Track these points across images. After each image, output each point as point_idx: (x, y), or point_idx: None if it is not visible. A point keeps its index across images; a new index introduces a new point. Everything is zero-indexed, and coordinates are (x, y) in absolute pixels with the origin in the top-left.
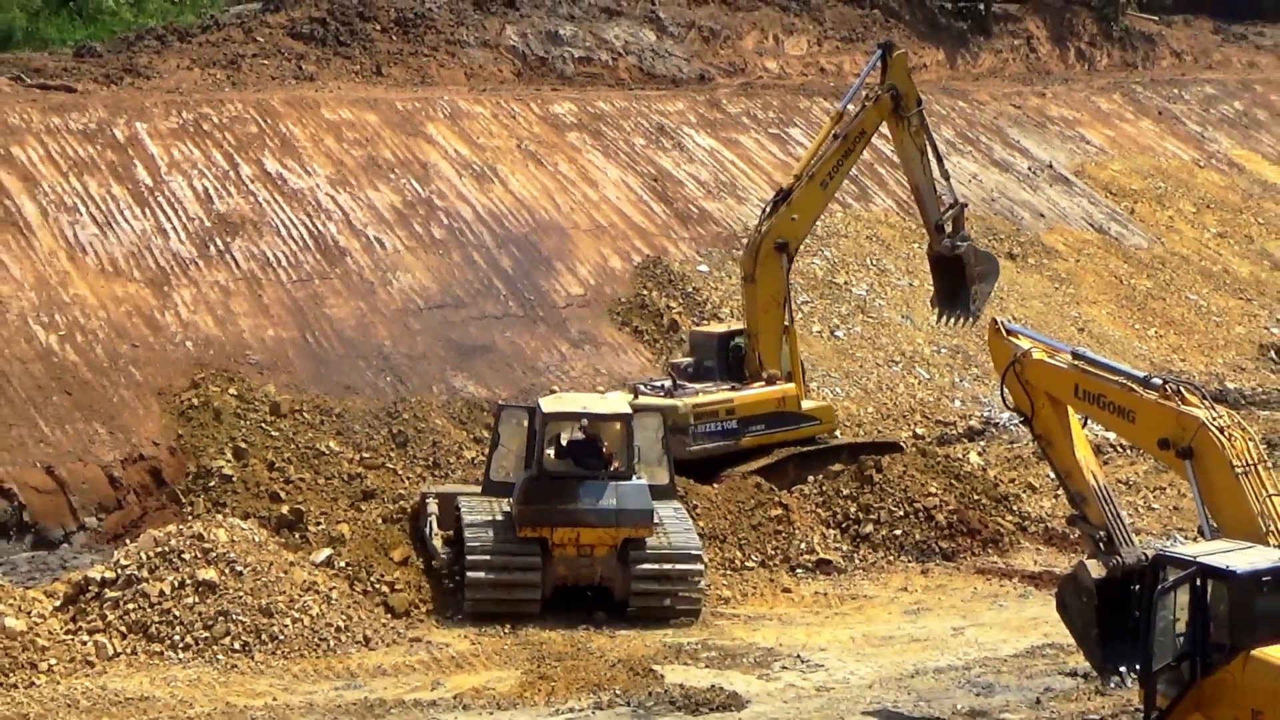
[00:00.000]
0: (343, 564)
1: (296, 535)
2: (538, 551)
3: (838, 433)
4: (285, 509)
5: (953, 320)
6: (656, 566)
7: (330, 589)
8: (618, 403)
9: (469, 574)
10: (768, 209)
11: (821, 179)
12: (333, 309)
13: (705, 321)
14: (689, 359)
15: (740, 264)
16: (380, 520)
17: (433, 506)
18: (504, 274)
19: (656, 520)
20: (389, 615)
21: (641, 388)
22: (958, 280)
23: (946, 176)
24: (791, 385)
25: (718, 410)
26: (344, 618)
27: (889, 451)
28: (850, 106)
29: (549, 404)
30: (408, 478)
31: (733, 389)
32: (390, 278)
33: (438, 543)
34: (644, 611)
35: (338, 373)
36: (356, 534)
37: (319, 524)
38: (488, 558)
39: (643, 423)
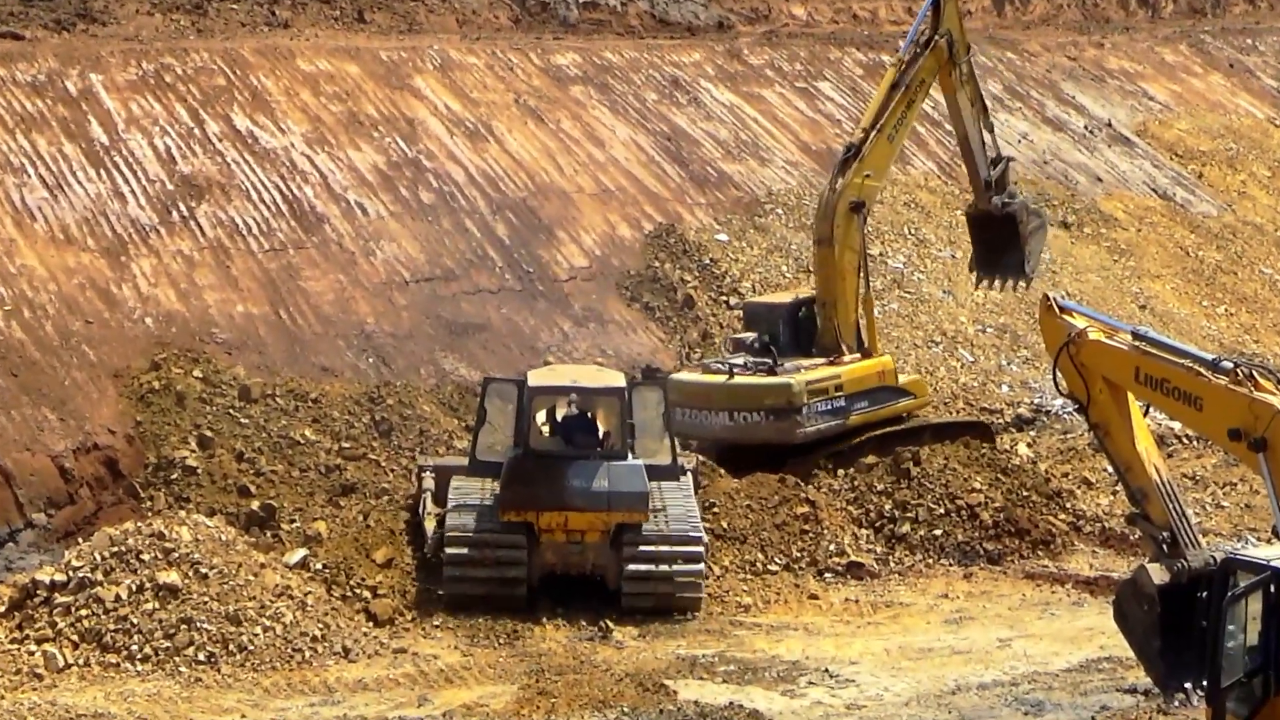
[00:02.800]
0: (319, 566)
1: (268, 534)
2: (523, 537)
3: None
4: (255, 505)
5: (1007, 284)
6: (651, 553)
7: (305, 594)
8: (612, 376)
9: (446, 558)
10: (837, 167)
11: (888, 132)
12: (309, 282)
13: (727, 294)
14: (748, 334)
15: (813, 228)
16: (362, 517)
17: (428, 481)
18: (500, 243)
19: (658, 504)
20: (371, 623)
21: (714, 365)
22: (1009, 240)
23: (992, 130)
24: (887, 358)
25: (828, 387)
26: (320, 626)
27: (974, 434)
28: (892, 57)
29: (537, 377)
30: (391, 470)
31: (832, 363)
32: (373, 247)
33: (429, 524)
34: (637, 603)
35: (314, 353)
36: (335, 533)
37: (293, 522)
38: (467, 544)
39: (641, 397)
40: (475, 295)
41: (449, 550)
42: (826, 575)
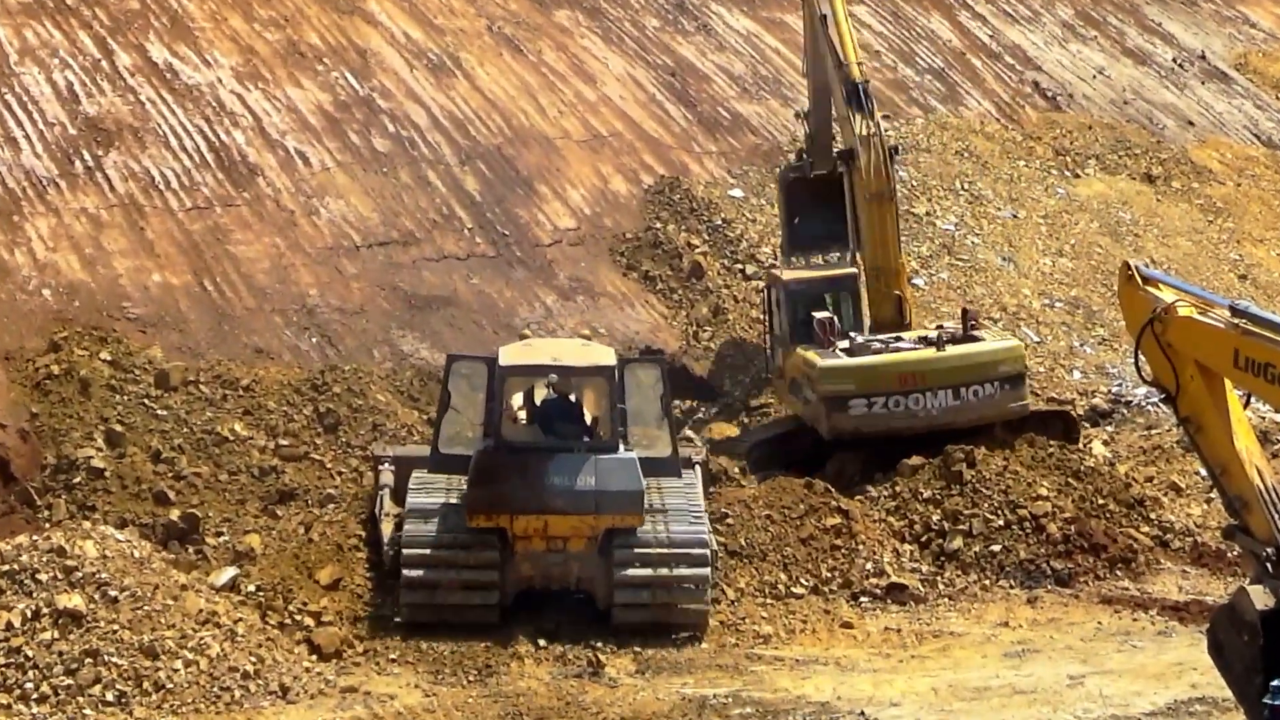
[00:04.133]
0: (252, 588)
1: (190, 550)
2: (494, 546)
3: None
4: (175, 514)
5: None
6: (647, 561)
7: (235, 621)
8: (600, 352)
9: (404, 572)
10: (856, 105)
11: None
12: (239, 246)
13: (742, 261)
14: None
15: (866, 182)
16: (303, 529)
17: (387, 475)
18: (469, 200)
19: (655, 504)
20: (314, 657)
21: (892, 342)
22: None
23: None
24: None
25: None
26: (253, 660)
27: (1053, 426)
28: None
29: (510, 355)
30: (339, 473)
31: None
32: (316, 205)
33: (387, 527)
34: (630, 621)
35: (246, 332)
36: (270, 548)
37: (220, 535)
38: (428, 552)
39: (635, 377)
40: (440, 263)
41: (405, 564)
42: (862, 599)
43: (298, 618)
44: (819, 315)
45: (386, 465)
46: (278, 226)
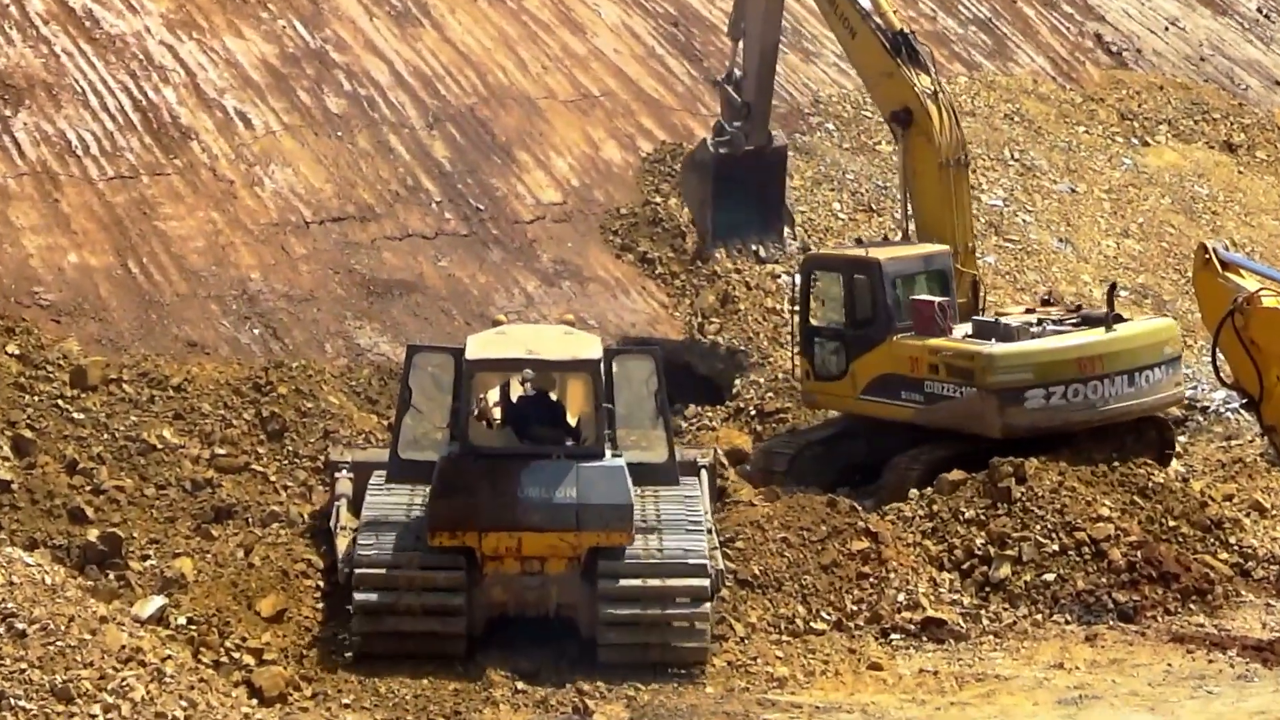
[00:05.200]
0: (182, 621)
1: (111, 576)
2: (460, 566)
3: None
4: (94, 535)
5: (769, 247)
6: (636, 595)
7: (163, 659)
8: (583, 342)
9: (355, 596)
10: (913, 59)
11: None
12: (170, 222)
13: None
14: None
15: (936, 147)
16: (242, 553)
17: (344, 484)
18: (437, 170)
19: (648, 518)
20: (254, 701)
21: (1042, 324)
22: (771, 185)
23: None
24: None
25: None
26: (184, 705)
27: (1156, 434)
28: None
29: (479, 345)
30: (284, 486)
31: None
32: (259, 175)
33: (343, 543)
34: (618, 657)
35: (177, 322)
36: (205, 575)
37: (146, 559)
38: (383, 573)
39: (625, 371)
40: (403, 242)
41: (358, 586)
42: (894, 636)
43: (236, 655)
44: (925, 298)
45: (344, 473)
46: (214, 199)
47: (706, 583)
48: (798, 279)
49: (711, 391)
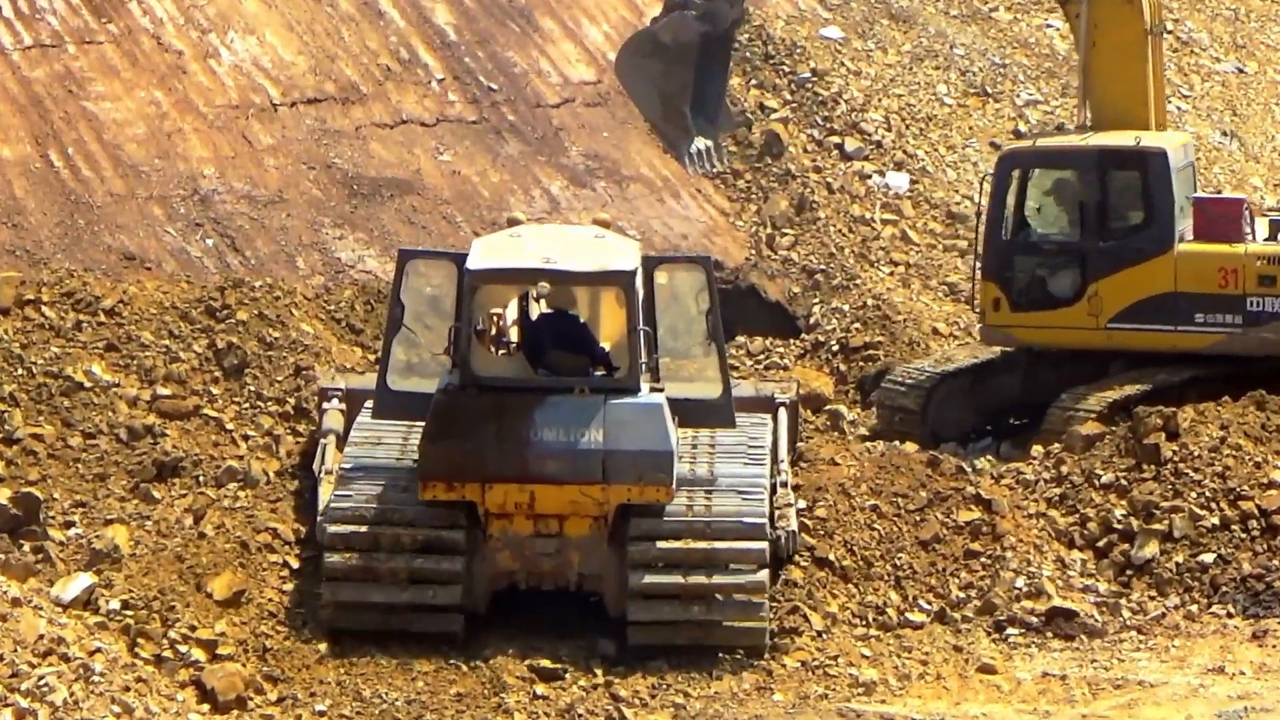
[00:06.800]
0: (116, 605)
1: (26, 547)
2: (459, 525)
3: None
4: (5, 496)
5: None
6: (676, 552)
7: (91, 653)
8: (616, 248)
9: (325, 558)
10: None
11: None
12: (102, 103)
13: (841, 132)
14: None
15: (1130, 14)
16: (191, 519)
17: (333, 417)
18: (439, 39)
19: (696, 471)
20: (205, 707)
21: None
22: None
23: None
24: None
25: None
26: (116, 710)
27: None
28: None
29: (485, 252)
30: (245, 435)
31: None
32: (215, 44)
33: (325, 490)
34: (651, 639)
35: (110, 229)
36: (144, 547)
37: (71, 526)
38: (363, 530)
39: (670, 284)
40: (395, 130)
41: (329, 547)
42: (1011, 631)
43: (182, 649)
44: (1224, 196)
45: (334, 401)
46: (158, 75)
47: (764, 546)
48: (984, 183)
49: (783, 321)
